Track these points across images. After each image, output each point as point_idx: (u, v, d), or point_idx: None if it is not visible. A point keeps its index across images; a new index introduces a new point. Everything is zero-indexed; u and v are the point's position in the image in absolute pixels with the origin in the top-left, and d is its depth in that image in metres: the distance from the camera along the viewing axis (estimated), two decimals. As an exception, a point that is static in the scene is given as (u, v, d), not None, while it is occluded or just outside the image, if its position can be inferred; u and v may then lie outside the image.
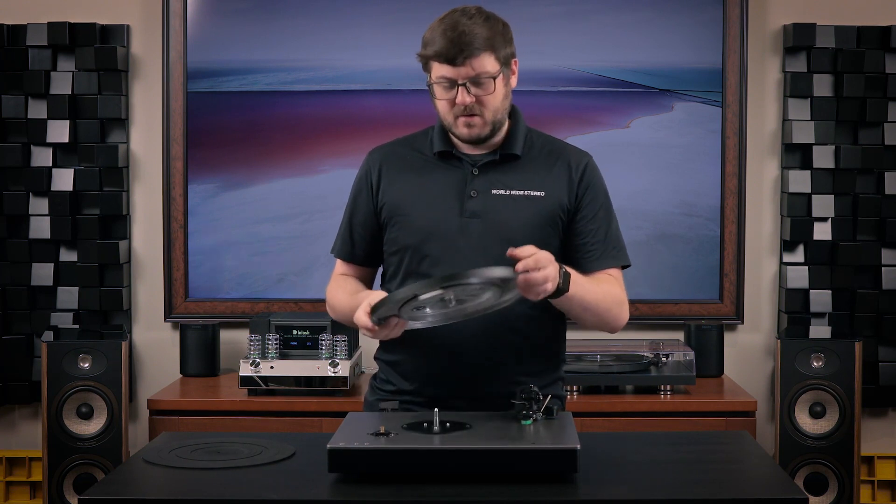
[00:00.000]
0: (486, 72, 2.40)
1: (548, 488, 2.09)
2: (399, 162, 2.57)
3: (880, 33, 4.16)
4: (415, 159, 2.56)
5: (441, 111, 2.47)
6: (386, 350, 2.60)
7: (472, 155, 2.52)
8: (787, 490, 2.12)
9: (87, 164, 4.20)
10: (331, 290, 2.62)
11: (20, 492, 4.31)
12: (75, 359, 3.88)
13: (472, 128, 2.45)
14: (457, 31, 2.38)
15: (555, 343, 2.59)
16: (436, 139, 2.55)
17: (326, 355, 3.83)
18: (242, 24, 4.22)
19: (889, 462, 4.27)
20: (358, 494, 2.08)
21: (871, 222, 4.17)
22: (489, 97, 2.42)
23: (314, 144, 4.21)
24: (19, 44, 4.20)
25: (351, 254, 2.62)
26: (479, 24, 2.40)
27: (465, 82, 2.40)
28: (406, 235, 2.51)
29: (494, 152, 2.53)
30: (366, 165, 2.60)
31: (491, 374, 2.49)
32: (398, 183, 2.54)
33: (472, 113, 2.43)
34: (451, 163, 2.53)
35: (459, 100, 2.41)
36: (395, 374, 2.57)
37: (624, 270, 2.60)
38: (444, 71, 2.40)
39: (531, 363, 2.53)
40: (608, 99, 4.21)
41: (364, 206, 2.58)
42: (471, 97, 2.41)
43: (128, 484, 2.22)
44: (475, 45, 2.38)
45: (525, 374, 2.50)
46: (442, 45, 2.38)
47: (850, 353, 3.88)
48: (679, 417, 3.76)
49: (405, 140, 2.62)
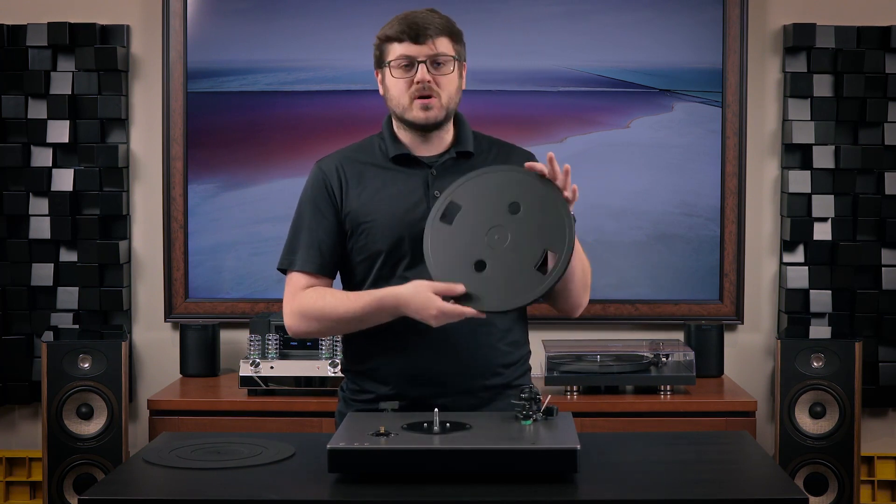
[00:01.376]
0: (446, 52, 2.49)
1: (548, 488, 2.09)
2: (355, 169, 2.57)
3: (880, 33, 4.16)
4: (370, 166, 2.57)
5: (395, 94, 2.51)
6: (357, 360, 2.59)
7: (428, 157, 2.56)
8: (787, 490, 2.12)
9: (87, 164, 4.20)
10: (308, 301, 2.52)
11: (20, 492, 4.31)
12: (75, 359, 3.88)
13: (429, 110, 2.49)
14: (422, 16, 2.49)
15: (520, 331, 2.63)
16: (389, 145, 2.57)
17: (326, 355, 3.83)
18: (242, 24, 4.22)
19: (889, 462, 4.27)
20: (358, 494, 2.08)
21: (871, 222, 4.17)
22: (446, 78, 2.49)
23: (314, 144, 4.21)
24: (19, 44, 4.20)
25: (321, 265, 2.56)
26: (438, 16, 2.52)
27: (425, 60, 2.47)
28: (376, 241, 2.51)
29: (448, 151, 2.56)
30: (319, 175, 2.58)
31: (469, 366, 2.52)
32: (360, 190, 2.55)
33: (430, 94, 2.48)
34: (409, 166, 2.56)
35: (419, 77, 2.47)
36: (371, 381, 2.56)
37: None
38: (404, 49, 2.48)
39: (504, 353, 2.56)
40: (608, 99, 4.21)
41: (327, 216, 2.55)
42: (429, 76, 2.47)
43: (128, 484, 2.22)
44: (436, 27, 2.48)
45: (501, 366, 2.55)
46: (403, 26, 2.48)
47: (850, 353, 3.88)
48: (679, 417, 3.76)
49: (352, 149, 2.64)
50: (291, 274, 2.58)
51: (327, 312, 2.50)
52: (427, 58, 2.47)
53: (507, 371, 2.57)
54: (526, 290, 2.31)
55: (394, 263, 2.51)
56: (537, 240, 2.33)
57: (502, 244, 2.34)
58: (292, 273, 2.58)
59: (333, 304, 2.50)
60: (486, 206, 2.38)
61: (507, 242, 2.34)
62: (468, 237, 2.36)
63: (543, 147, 4.07)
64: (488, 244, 2.35)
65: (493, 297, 2.33)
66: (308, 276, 2.56)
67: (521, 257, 2.33)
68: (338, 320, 2.50)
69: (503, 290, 2.33)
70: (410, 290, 2.38)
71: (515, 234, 2.34)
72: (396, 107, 2.52)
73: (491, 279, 2.33)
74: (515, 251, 2.33)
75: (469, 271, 2.34)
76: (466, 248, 2.36)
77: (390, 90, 2.52)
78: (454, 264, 2.35)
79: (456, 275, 2.34)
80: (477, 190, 2.40)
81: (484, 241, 2.35)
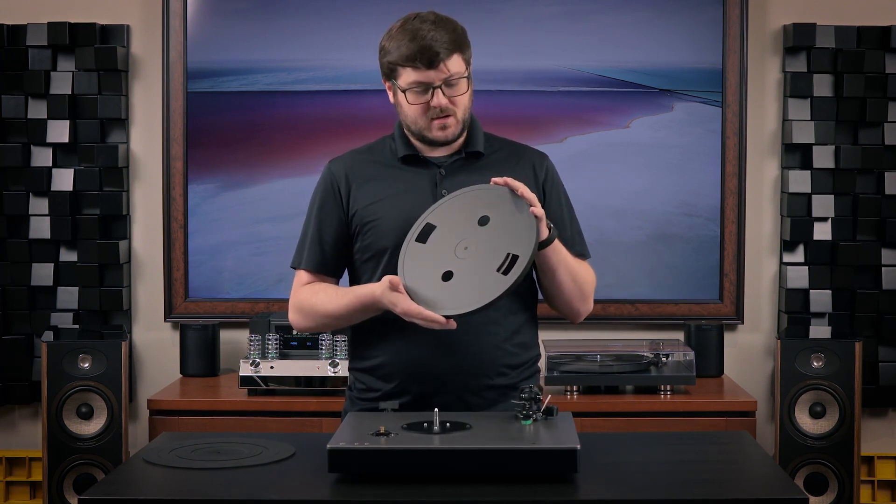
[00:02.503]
0: (458, 72, 2.47)
1: (548, 488, 2.09)
2: (364, 169, 2.59)
3: (880, 33, 4.16)
4: (379, 166, 2.59)
5: (411, 116, 2.51)
6: (361, 358, 2.61)
7: (437, 157, 2.56)
8: (787, 490, 2.12)
9: (87, 164, 4.20)
10: (304, 297, 2.57)
11: (20, 492, 4.31)
12: (75, 359, 3.88)
13: (447, 129, 2.50)
14: (425, 37, 2.44)
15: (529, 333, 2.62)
16: (398, 145, 2.58)
17: (326, 355, 3.83)
18: (242, 24, 4.22)
19: (889, 462, 4.27)
20: (358, 494, 2.08)
21: (871, 222, 4.17)
22: (461, 97, 2.49)
23: (314, 144, 4.21)
24: (19, 44, 4.20)
25: (322, 263, 2.60)
26: (442, 28, 2.46)
27: (440, 84, 2.45)
28: (381, 240, 2.53)
29: (458, 152, 2.57)
30: (329, 176, 2.61)
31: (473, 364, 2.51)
32: (367, 190, 2.56)
33: (447, 114, 2.48)
34: (418, 166, 2.56)
35: (435, 102, 2.46)
36: (375, 379, 2.58)
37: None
38: (418, 76, 2.45)
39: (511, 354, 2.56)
40: (608, 99, 4.21)
41: (332, 215, 2.58)
42: (446, 99, 2.46)
43: (128, 484, 2.22)
44: (446, 48, 2.44)
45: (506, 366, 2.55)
46: (414, 50, 2.43)
47: (850, 353, 3.88)
48: (679, 417, 3.76)
49: (363, 150, 2.66)
50: (297, 271, 2.63)
51: (318, 308, 2.55)
52: (442, 81, 2.45)
53: (514, 372, 2.57)
54: (488, 291, 2.34)
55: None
56: (502, 245, 2.36)
57: (469, 254, 2.38)
58: (298, 271, 2.63)
59: (323, 301, 2.54)
60: (458, 222, 2.43)
61: (474, 252, 2.38)
62: (439, 253, 2.42)
63: (543, 147, 4.05)
64: (457, 256, 2.39)
65: (456, 301, 2.36)
66: (310, 274, 2.61)
67: (485, 262, 2.37)
68: (328, 316, 2.54)
69: (467, 294, 2.35)
70: (381, 287, 2.40)
71: (482, 244, 2.39)
72: (413, 125, 2.53)
73: (456, 286, 2.37)
74: (479, 258, 2.38)
75: (437, 282, 2.38)
76: (436, 262, 2.41)
77: (407, 113, 2.51)
78: (423, 277, 2.40)
79: (423, 286, 2.38)
80: (452, 210, 2.45)
81: (453, 255, 2.39)
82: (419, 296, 2.37)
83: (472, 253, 2.39)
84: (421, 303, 2.36)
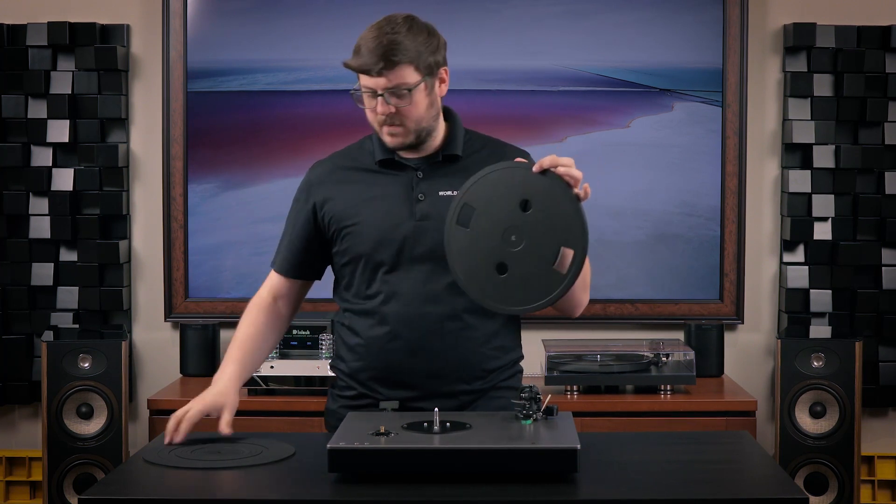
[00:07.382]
0: (403, 83, 2.43)
1: (548, 488, 2.09)
2: (341, 174, 2.59)
3: (880, 33, 4.16)
4: (357, 170, 2.58)
5: (369, 118, 2.52)
6: (340, 358, 2.62)
7: (414, 159, 2.55)
8: (787, 490, 2.12)
9: (87, 164, 4.20)
10: (250, 307, 2.69)
11: (20, 492, 4.31)
12: (75, 359, 3.88)
13: (395, 136, 2.49)
14: (379, 43, 2.41)
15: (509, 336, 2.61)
16: (376, 148, 2.57)
17: (326, 355, 3.83)
18: (242, 24, 4.22)
19: (889, 462, 4.27)
20: (358, 494, 2.08)
21: (871, 222, 4.17)
22: (408, 108, 2.45)
23: (314, 144, 4.21)
24: (19, 44, 4.20)
25: (290, 267, 2.64)
26: (402, 34, 2.43)
27: (383, 93, 2.44)
28: (358, 244, 2.53)
29: (436, 154, 2.55)
30: (307, 179, 2.63)
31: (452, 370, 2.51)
32: (343, 194, 2.56)
33: (394, 123, 2.47)
34: (395, 169, 2.55)
35: (379, 110, 2.46)
36: (350, 378, 2.59)
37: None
38: (365, 81, 2.45)
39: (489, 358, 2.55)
40: (608, 99, 4.21)
41: (307, 219, 2.59)
42: (390, 107, 2.45)
43: (128, 484, 2.22)
44: (394, 58, 2.41)
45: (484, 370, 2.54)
46: (363, 56, 2.43)
47: (851, 352, 3.88)
48: (679, 417, 3.76)
49: (343, 153, 2.65)
50: (272, 270, 2.70)
51: (239, 325, 2.71)
52: (385, 90, 2.43)
53: (491, 375, 2.56)
54: (546, 290, 2.34)
55: (374, 267, 2.52)
56: (551, 238, 2.34)
57: (519, 244, 2.35)
58: (271, 271, 2.70)
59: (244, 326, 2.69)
60: (498, 206, 2.38)
61: (524, 243, 2.35)
62: (486, 240, 2.37)
63: (543, 147, 4.07)
64: (506, 246, 2.36)
65: (513, 297, 2.35)
66: (279, 277, 2.68)
67: (538, 257, 2.35)
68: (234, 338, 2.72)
69: (523, 290, 2.34)
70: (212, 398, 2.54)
71: (530, 234, 2.35)
72: (373, 127, 2.54)
73: (511, 281, 2.35)
74: (532, 249, 2.34)
75: (492, 275, 2.36)
76: (486, 251, 2.37)
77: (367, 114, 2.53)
78: (479, 269, 2.37)
79: (481, 280, 2.36)
80: (487, 190, 2.40)
81: (502, 243, 2.36)
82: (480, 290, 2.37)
83: (521, 243, 2.35)
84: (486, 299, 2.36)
